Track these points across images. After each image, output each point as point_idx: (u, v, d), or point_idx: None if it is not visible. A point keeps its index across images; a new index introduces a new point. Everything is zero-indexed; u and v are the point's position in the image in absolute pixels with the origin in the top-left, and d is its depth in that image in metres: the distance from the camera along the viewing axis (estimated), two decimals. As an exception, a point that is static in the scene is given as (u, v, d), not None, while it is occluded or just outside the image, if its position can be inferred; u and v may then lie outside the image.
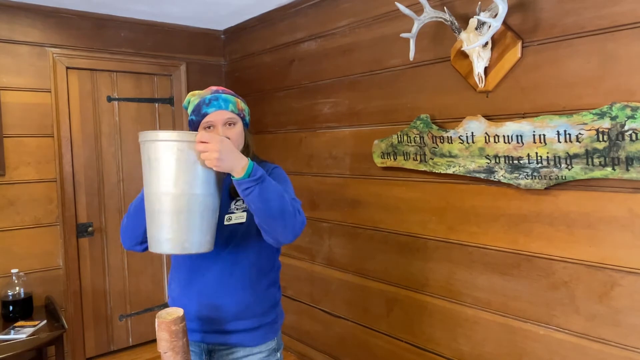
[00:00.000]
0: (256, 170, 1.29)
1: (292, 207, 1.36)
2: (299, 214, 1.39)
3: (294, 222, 1.36)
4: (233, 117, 1.49)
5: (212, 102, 1.48)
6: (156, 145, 1.30)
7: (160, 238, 1.33)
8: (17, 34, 2.86)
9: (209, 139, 1.24)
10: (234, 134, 1.49)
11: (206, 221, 1.34)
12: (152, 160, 1.31)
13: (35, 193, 2.94)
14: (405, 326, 2.46)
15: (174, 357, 1.33)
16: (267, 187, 1.30)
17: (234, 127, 1.50)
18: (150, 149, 1.32)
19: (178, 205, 1.30)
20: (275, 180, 1.49)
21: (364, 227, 2.65)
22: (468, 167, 2.05)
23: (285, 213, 1.33)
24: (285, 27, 3.10)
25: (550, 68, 1.82)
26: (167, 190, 1.30)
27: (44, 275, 2.98)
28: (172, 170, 1.29)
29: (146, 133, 1.33)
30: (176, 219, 1.31)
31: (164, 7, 3.06)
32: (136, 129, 3.37)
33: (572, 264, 1.81)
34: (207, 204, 1.34)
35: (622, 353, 1.69)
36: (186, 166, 1.29)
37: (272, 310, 1.58)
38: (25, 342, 2.36)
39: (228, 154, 1.25)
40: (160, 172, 1.31)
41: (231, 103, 1.50)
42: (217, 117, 1.48)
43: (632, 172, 1.58)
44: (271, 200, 1.31)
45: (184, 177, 1.29)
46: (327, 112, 2.84)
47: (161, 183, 1.31)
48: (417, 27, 2.02)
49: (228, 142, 1.28)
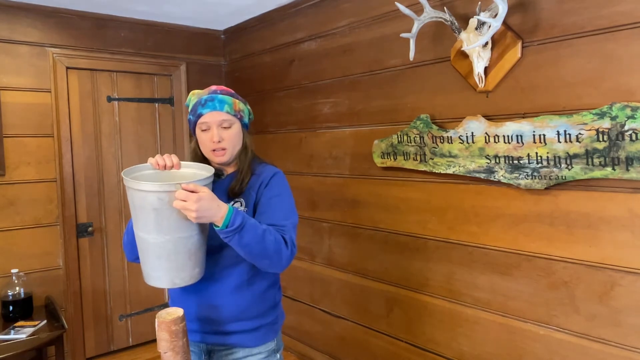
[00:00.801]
0: (234, 219, 1.30)
1: (276, 245, 1.37)
2: (285, 247, 1.40)
3: (279, 259, 1.39)
4: (228, 118, 1.49)
5: (208, 102, 1.48)
6: (138, 194, 1.30)
7: (151, 274, 1.38)
8: (17, 34, 2.86)
9: (185, 196, 1.24)
10: (228, 136, 1.49)
11: (194, 257, 1.37)
12: (136, 207, 1.32)
13: (35, 193, 2.94)
14: (405, 326, 2.46)
15: (174, 357, 1.33)
16: (247, 233, 1.32)
17: (230, 129, 1.50)
18: (133, 196, 1.31)
19: (165, 249, 1.32)
20: (274, 189, 1.51)
21: (364, 227, 2.65)
22: (468, 167, 2.05)
23: (267, 254, 1.36)
24: (285, 27, 3.10)
25: (550, 68, 1.82)
26: (152, 237, 1.32)
27: (44, 275, 2.98)
28: (154, 218, 1.29)
29: (128, 178, 1.31)
30: (164, 260, 1.33)
31: (164, 7, 3.06)
32: (136, 129, 3.37)
33: (572, 264, 1.81)
34: (194, 242, 1.35)
35: (622, 353, 1.69)
36: (169, 213, 1.29)
37: (271, 311, 1.57)
38: (25, 342, 2.35)
39: (205, 211, 1.26)
40: (144, 220, 1.31)
41: (227, 104, 1.49)
42: (211, 118, 1.48)
43: (632, 172, 1.58)
44: (251, 245, 1.33)
45: (167, 224, 1.30)
46: (327, 112, 2.84)
47: (146, 229, 1.32)
48: (417, 27, 2.02)
49: (206, 196, 1.26)
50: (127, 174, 1.36)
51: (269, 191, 1.51)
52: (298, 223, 1.55)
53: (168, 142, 3.53)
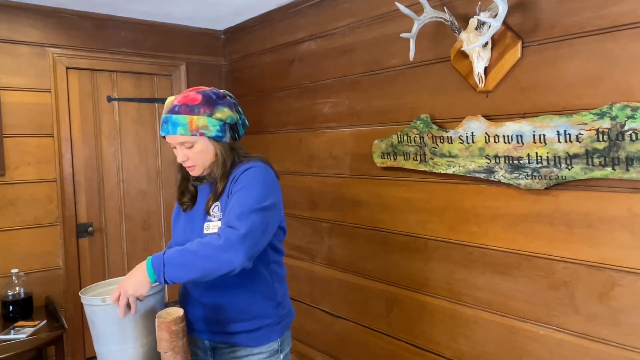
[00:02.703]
0: (153, 266, 1.36)
1: (205, 248, 1.34)
2: (217, 239, 1.34)
3: (218, 256, 1.33)
4: (186, 140, 1.46)
5: (163, 125, 1.47)
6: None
7: None
8: (17, 34, 2.86)
9: (115, 297, 1.37)
10: (192, 155, 1.49)
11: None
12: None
13: (35, 193, 2.94)
14: (405, 326, 2.46)
15: (174, 357, 1.33)
16: (172, 263, 1.35)
17: (192, 148, 1.48)
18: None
19: None
20: (239, 184, 1.45)
21: (364, 227, 2.65)
22: (468, 167, 2.05)
23: (206, 263, 1.35)
24: (285, 27, 3.10)
25: (550, 68, 1.82)
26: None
27: (44, 275, 2.98)
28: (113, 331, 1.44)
29: (84, 296, 1.49)
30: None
31: (164, 7, 3.06)
32: (136, 129, 3.37)
33: (572, 264, 1.81)
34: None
35: (622, 353, 1.69)
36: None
37: (273, 311, 1.57)
38: (25, 342, 2.35)
39: (133, 282, 1.36)
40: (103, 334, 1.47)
41: (180, 126, 1.43)
42: (171, 140, 1.49)
43: (632, 172, 1.58)
44: (188, 266, 1.35)
45: (130, 334, 1.43)
46: (327, 112, 2.84)
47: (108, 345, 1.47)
48: (417, 27, 2.02)
49: (125, 281, 1.38)
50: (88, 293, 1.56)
51: (235, 187, 1.46)
52: (274, 208, 1.47)
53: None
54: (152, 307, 1.47)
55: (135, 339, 1.43)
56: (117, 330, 1.41)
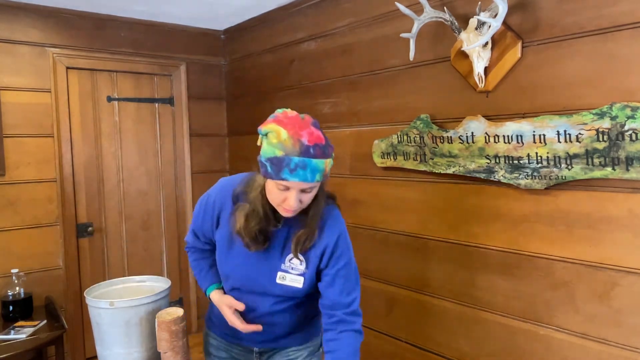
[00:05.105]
0: None
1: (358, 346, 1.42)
2: (360, 336, 1.43)
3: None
4: (315, 185, 1.27)
5: (298, 170, 1.21)
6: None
7: None
8: (17, 34, 2.86)
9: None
10: (306, 199, 1.30)
11: None
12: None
13: (35, 193, 2.94)
14: (405, 326, 2.46)
15: (174, 357, 1.33)
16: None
17: (310, 192, 1.30)
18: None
19: None
20: (340, 260, 1.43)
21: (364, 227, 2.65)
22: (468, 167, 2.05)
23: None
24: (285, 27, 3.10)
25: (550, 68, 1.82)
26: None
27: (44, 275, 2.98)
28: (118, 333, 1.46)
29: (91, 298, 1.53)
30: None
31: (164, 7, 3.06)
32: (136, 129, 3.37)
33: (572, 264, 1.81)
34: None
35: (622, 353, 1.69)
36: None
37: (317, 322, 1.65)
38: (25, 342, 2.35)
39: None
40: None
41: (319, 172, 1.24)
42: (297, 185, 1.24)
43: (632, 172, 1.58)
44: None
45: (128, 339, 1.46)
46: (327, 112, 2.84)
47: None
48: (417, 27, 2.02)
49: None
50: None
51: (335, 262, 1.42)
52: None
53: (168, 142, 3.53)
54: (158, 311, 1.47)
55: (140, 343, 1.43)
56: (123, 334, 1.41)
